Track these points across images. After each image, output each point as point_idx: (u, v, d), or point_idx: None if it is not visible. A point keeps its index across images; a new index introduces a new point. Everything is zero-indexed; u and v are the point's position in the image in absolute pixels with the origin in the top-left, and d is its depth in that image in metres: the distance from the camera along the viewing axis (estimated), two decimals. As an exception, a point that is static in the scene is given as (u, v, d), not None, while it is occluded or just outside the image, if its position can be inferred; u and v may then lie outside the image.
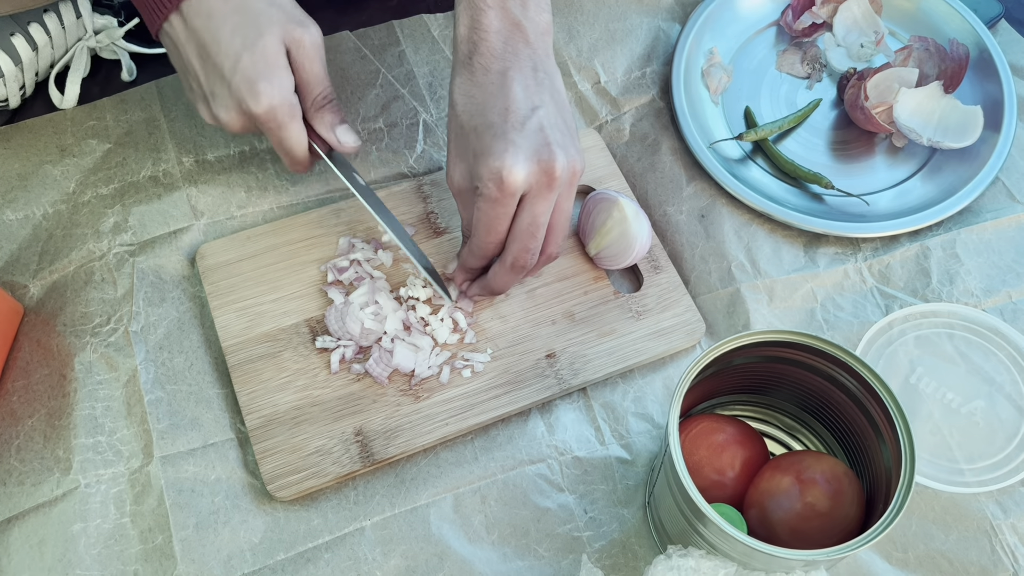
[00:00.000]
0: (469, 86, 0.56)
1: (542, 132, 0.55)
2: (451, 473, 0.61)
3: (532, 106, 0.55)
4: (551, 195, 0.56)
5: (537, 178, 0.55)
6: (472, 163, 0.56)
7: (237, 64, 0.57)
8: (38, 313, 0.65)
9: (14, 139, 0.72)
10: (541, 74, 0.57)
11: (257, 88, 0.57)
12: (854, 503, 0.53)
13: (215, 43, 0.57)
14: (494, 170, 0.54)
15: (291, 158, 0.62)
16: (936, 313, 0.66)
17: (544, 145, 0.55)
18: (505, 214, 0.56)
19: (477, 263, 0.61)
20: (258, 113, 0.58)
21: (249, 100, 0.58)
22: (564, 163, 0.55)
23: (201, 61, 0.58)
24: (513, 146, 0.54)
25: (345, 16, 0.80)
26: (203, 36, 0.57)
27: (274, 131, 0.60)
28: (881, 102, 0.74)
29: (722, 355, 0.51)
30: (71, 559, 0.57)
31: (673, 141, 0.75)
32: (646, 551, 0.59)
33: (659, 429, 0.63)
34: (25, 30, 0.70)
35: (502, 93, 0.55)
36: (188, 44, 0.58)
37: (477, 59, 0.56)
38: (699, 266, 0.69)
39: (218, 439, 0.61)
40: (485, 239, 0.58)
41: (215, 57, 0.57)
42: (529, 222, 0.56)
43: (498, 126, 0.55)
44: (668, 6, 0.81)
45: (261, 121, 0.59)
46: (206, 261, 0.66)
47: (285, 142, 0.61)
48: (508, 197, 0.55)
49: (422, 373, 0.62)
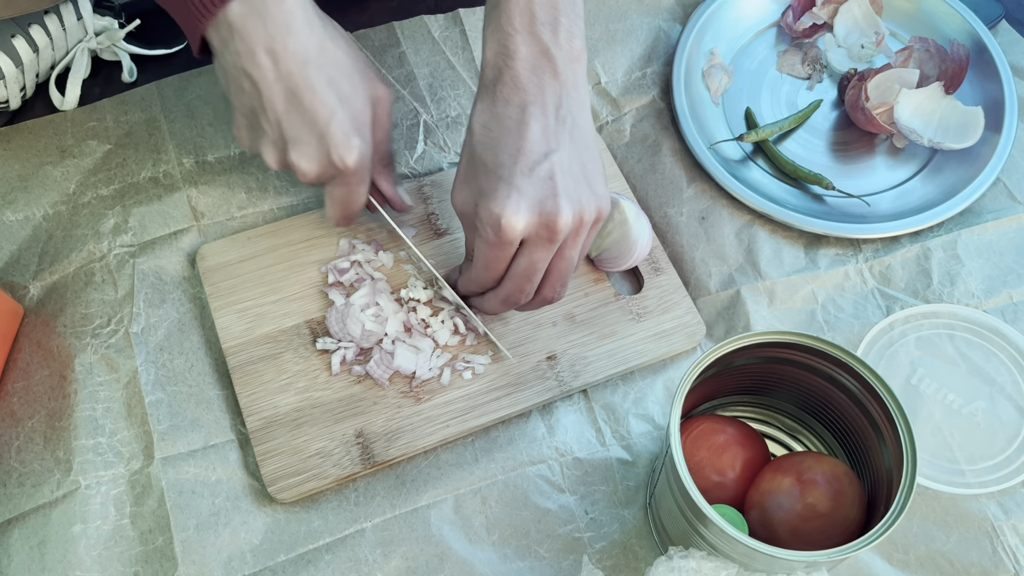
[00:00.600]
0: (488, 116, 0.55)
1: (551, 181, 0.53)
2: (452, 474, 0.61)
3: (546, 151, 0.53)
4: (551, 246, 0.54)
5: (537, 230, 0.53)
6: (477, 197, 0.55)
7: (333, 116, 0.55)
8: (38, 314, 0.65)
9: (14, 140, 0.72)
10: (564, 111, 0.55)
11: (352, 143, 0.56)
12: (855, 504, 0.53)
13: (310, 91, 0.54)
14: (493, 216, 0.53)
15: (348, 212, 0.61)
16: (937, 314, 0.66)
17: (550, 196, 0.53)
18: (502, 257, 0.55)
19: (475, 289, 0.60)
20: (348, 167, 0.57)
21: (344, 153, 0.56)
22: (568, 216, 0.53)
23: (289, 106, 0.55)
24: (516, 193, 0.52)
25: (345, 17, 0.79)
26: (297, 81, 0.54)
27: (352, 185, 0.59)
28: (882, 103, 0.74)
29: (723, 356, 0.51)
30: (71, 560, 0.57)
31: (674, 142, 0.75)
32: (647, 552, 0.59)
33: (660, 430, 0.63)
34: (26, 31, 0.70)
35: (518, 131, 0.54)
36: (276, 86, 0.54)
37: (500, 88, 0.54)
38: (700, 268, 0.69)
39: (219, 440, 0.61)
40: (482, 274, 0.57)
41: (309, 104, 0.55)
42: (526, 267, 0.55)
43: (506, 167, 0.53)
44: (669, 6, 0.81)
45: (347, 174, 0.57)
46: (206, 262, 0.66)
47: (355, 196, 0.60)
48: (505, 244, 0.54)
49: (423, 375, 0.62)
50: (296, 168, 0.57)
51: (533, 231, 0.53)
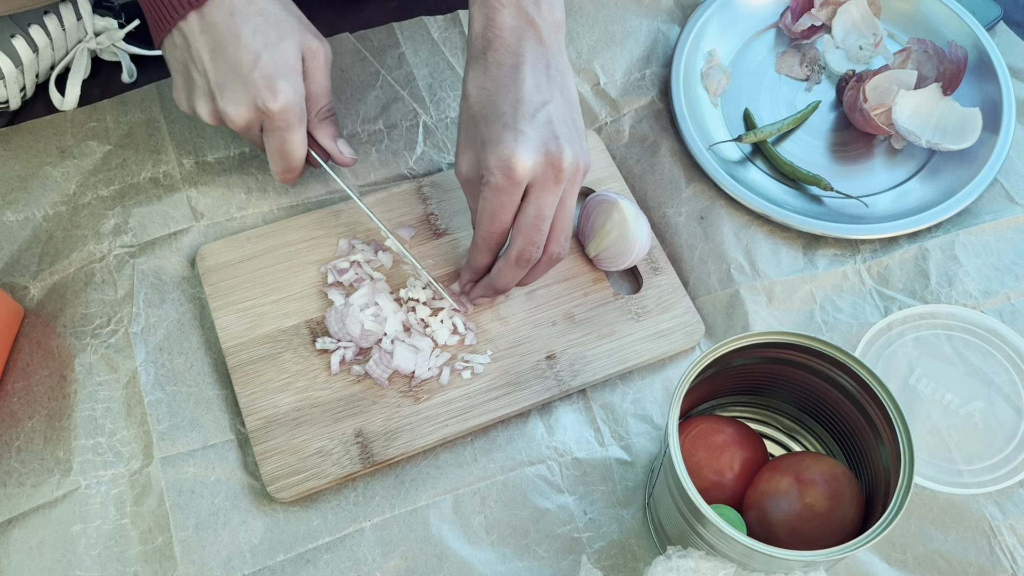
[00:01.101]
0: (482, 79, 0.57)
1: (551, 125, 0.56)
2: (451, 474, 0.61)
3: (543, 100, 0.56)
4: (557, 188, 0.56)
5: (544, 169, 0.55)
6: (480, 151, 0.57)
7: (257, 61, 0.58)
8: (38, 314, 0.65)
9: (14, 141, 0.72)
10: (553, 71, 0.57)
11: (276, 86, 0.58)
12: (853, 504, 0.53)
13: (235, 39, 0.58)
14: (502, 158, 0.54)
15: (287, 163, 0.63)
16: (935, 315, 0.67)
17: (552, 137, 0.55)
18: (510, 203, 0.56)
19: (483, 259, 0.61)
20: (273, 110, 0.59)
21: (267, 96, 0.58)
22: (571, 157, 0.56)
23: (213, 55, 0.58)
24: (522, 135, 0.54)
25: (345, 18, 0.80)
26: (222, 31, 0.58)
27: (281, 131, 0.60)
28: (880, 104, 0.74)
29: (721, 356, 0.51)
30: (71, 560, 0.57)
31: (672, 143, 0.75)
32: (645, 552, 0.59)
33: (658, 430, 0.63)
34: (26, 32, 0.70)
35: (514, 85, 0.56)
36: (202, 37, 0.58)
37: (491, 54, 0.57)
38: (698, 267, 0.69)
39: (218, 440, 0.61)
40: (489, 228, 0.58)
41: (233, 52, 0.58)
42: (535, 214, 0.57)
43: (508, 116, 0.55)
44: (668, 8, 0.82)
45: (273, 119, 0.60)
46: (206, 262, 0.66)
47: (288, 144, 0.61)
48: (514, 185, 0.55)
49: (422, 374, 0.62)
50: (226, 116, 0.60)
51: (540, 170, 0.55)
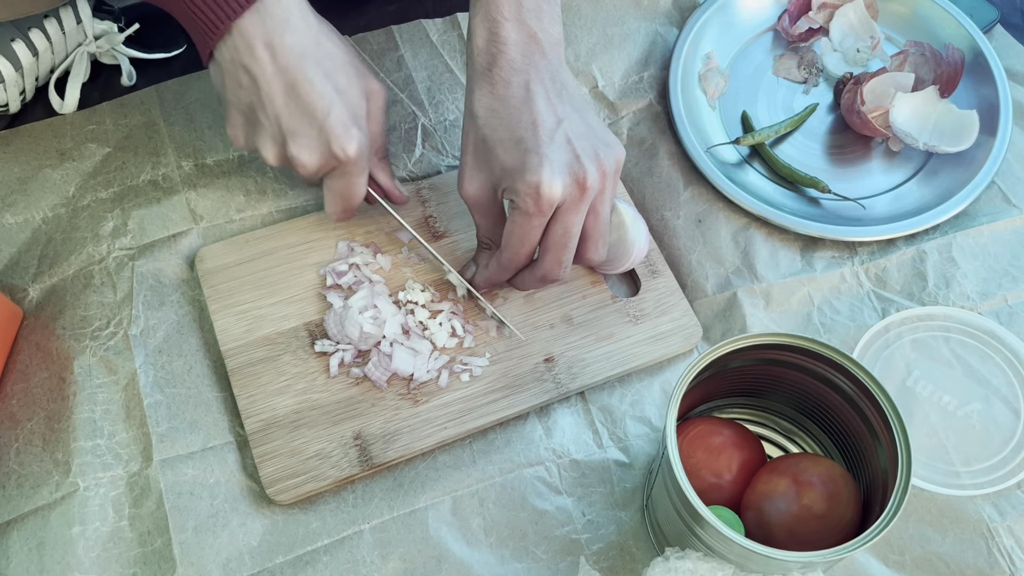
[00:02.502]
0: (491, 99, 0.57)
1: (570, 144, 0.56)
2: (449, 476, 0.61)
3: (557, 119, 0.56)
4: (583, 206, 0.57)
5: (571, 191, 0.56)
6: (500, 177, 0.57)
7: (331, 108, 0.57)
8: (37, 317, 0.65)
9: (14, 143, 0.72)
10: (559, 84, 0.58)
11: (351, 133, 0.57)
12: (851, 505, 0.53)
13: (309, 84, 0.56)
14: (532, 185, 0.55)
15: (348, 204, 0.62)
16: (932, 316, 0.67)
17: (575, 158, 0.56)
18: (540, 226, 0.57)
19: (507, 275, 0.62)
20: (348, 157, 0.58)
21: (344, 143, 0.57)
22: (595, 174, 0.56)
23: (287, 99, 0.56)
24: (548, 160, 0.55)
25: (344, 20, 0.80)
26: (295, 75, 0.55)
27: (352, 176, 0.60)
28: (877, 107, 0.74)
29: (719, 358, 0.51)
30: (70, 562, 0.57)
31: (670, 145, 0.75)
32: (644, 553, 0.59)
33: (657, 432, 0.63)
34: (26, 35, 0.70)
35: (527, 107, 0.56)
36: (275, 80, 0.55)
37: (497, 71, 0.57)
38: (696, 270, 0.69)
39: (217, 442, 0.61)
40: (518, 251, 0.58)
41: (307, 97, 0.56)
42: (562, 233, 0.57)
43: (529, 140, 0.55)
44: (665, 11, 0.82)
45: (347, 165, 0.59)
46: (205, 265, 0.66)
47: (354, 187, 0.61)
48: (545, 211, 0.56)
49: (421, 377, 0.62)
50: (296, 161, 0.58)
51: (568, 193, 0.56)
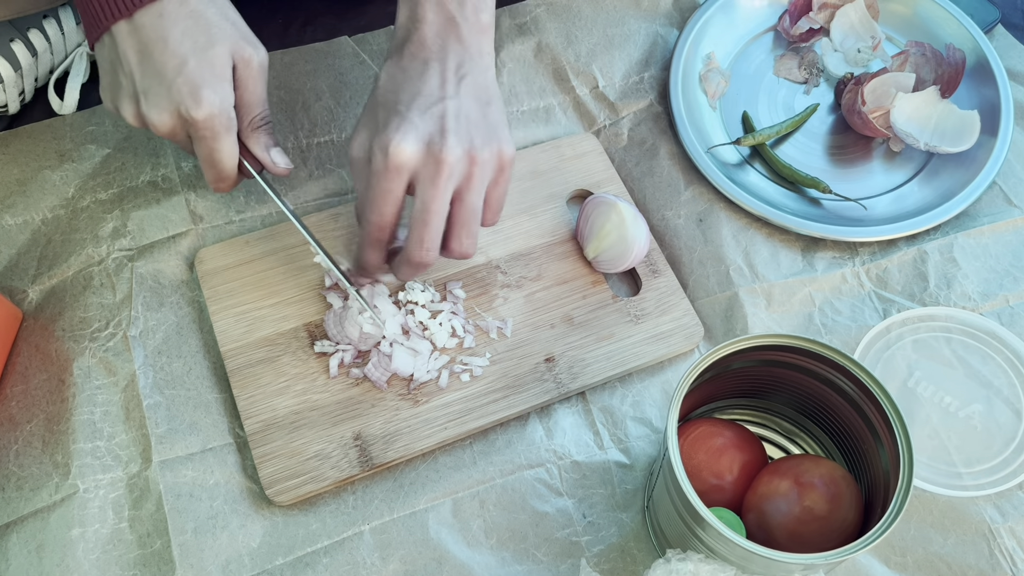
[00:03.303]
0: (394, 69, 0.58)
1: (442, 119, 0.56)
2: (450, 477, 0.61)
3: (442, 95, 0.56)
4: (439, 182, 0.55)
5: (425, 161, 0.55)
6: (372, 135, 0.57)
7: (183, 67, 0.56)
8: (37, 318, 0.65)
9: (13, 144, 0.72)
10: (464, 70, 0.58)
11: (200, 94, 0.56)
12: (852, 507, 0.53)
13: (161, 42, 0.56)
14: (383, 142, 0.55)
15: (218, 172, 0.61)
16: (934, 317, 0.67)
17: (439, 131, 0.55)
18: (391, 191, 0.56)
19: (374, 250, 0.60)
20: (196, 119, 0.57)
21: (190, 104, 0.56)
22: (457, 152, 0.55)
23: (140, 57, 0.56)
24: (408, 124, 0.55)
25: (344, 21, 0.80)
26: (149, 33, 0.55)
27: (207, 140, 0.58)
28: (878, 107, 0.74)
29: (720, 359, 0.51)
30: (69, 564, 0.57)
31: (671, 146, 0.75)
32: (645, 555, 0.59)
33: (658, 433, 0.63)
34: (25, 36, 0.70)
35: (420, 79, 0.57)
36: (129, 39, 0.56)
37: (408, 47, 0.58)
38: (697, 270, 0.69)
39: (217, 444, 0.61)
40: (371, 219, 0.57)
41: (159, 56, 0.56)
42: (421, 208, 0.56)
43: (403, 104, 0.56)
44: (666, 11, 0.82)
45: (197, 128, 0.57)
46: (205, 266, 0.66)
47: (216, 154, 0.59)
48: (394, 172, 0.55)
49: (421, 377, 0.62)
50: (148, 120, 0.58)
51: (421, 163, 0.55)
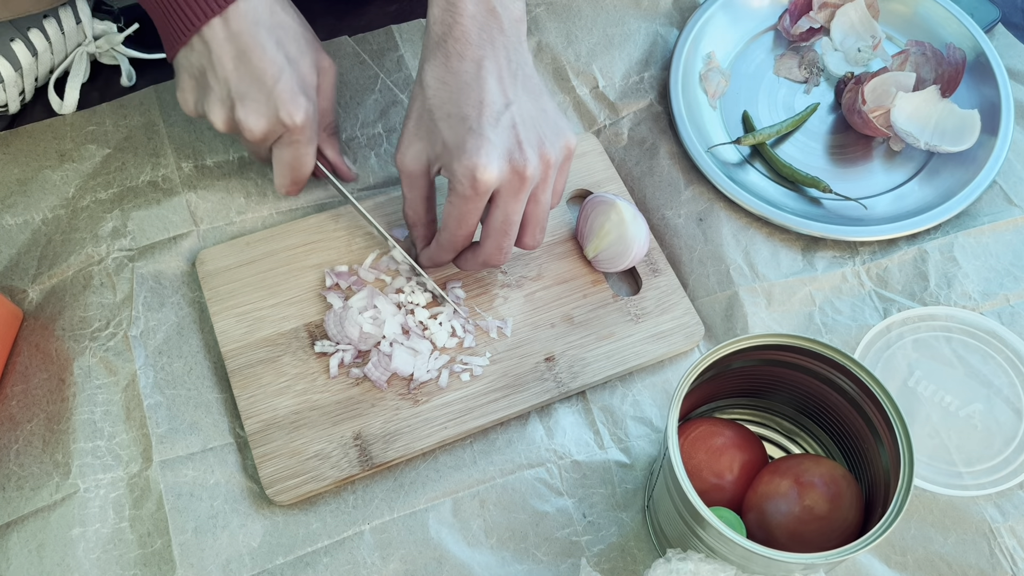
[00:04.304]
0: (442, 71, 0.56)
1: (514, 130, 0.55)
2: (450, 477, 0.61)
3: (506, 101, 0.56)
4: (522, 195, 0.56)
5: (509, 178, 0.55)
6: (439, 152, 0.57)
7: (281, 74, 0.58)
8: (37, 318, 0.65)
9: (13, 144, 0.72)
10: (515, 65, 0.57)
11: (299, 101, 0.59)
12: (853, 506, 0.53)
13: (260, 49, 0.57)
14: (468, 168, 0.54)
15: (296, 175, 0.63)
16: (934, 316, 0.67)
17: (516, 145, 0.55)
18: (476, 210, 0.57)
19: (447, 256, 0.62)
20: (294, 124, 0.59)
21: (291, 109, 0.59)
22: (535, 163, 0.56)
23: (237, 63, 0.58)
24: (487, 143, 0.54)
25: (344, 21, 0.80)
26: (247, 40, 0.57)
27: (297, 145, 0.61)
28: (878, 106, 0.74)
29: (720, 358, 0.51)
30: (70, 564, 0.57)
31: (671, 145, 0.75)
32: (645, 555, 0.59)
33: (658, 433, 0.63)
34: (25, 36, 0.70)
35: (477, 84, 0.55)
36: (226, 44, 0.57)
37: (451, 44, 0.56)
38: (697, 269, 0.69)
39: (217, 443, 0.61)
40: (456, 232, 0.58)
41: (258, 63, 0.57)
42: (502, 220, 0.57)
43: (472, 120, 0.55)
44: (666, 11, 0.82)
45: (293, 134, 0.60)
46: (205, 266, 0.66)
47: (302, 159, 0.62)
48: (480, 195, 0.55)
49: (421, 377, 0.62)
50: (243, 126, 0.59)
51: (505, 180, 0.55)
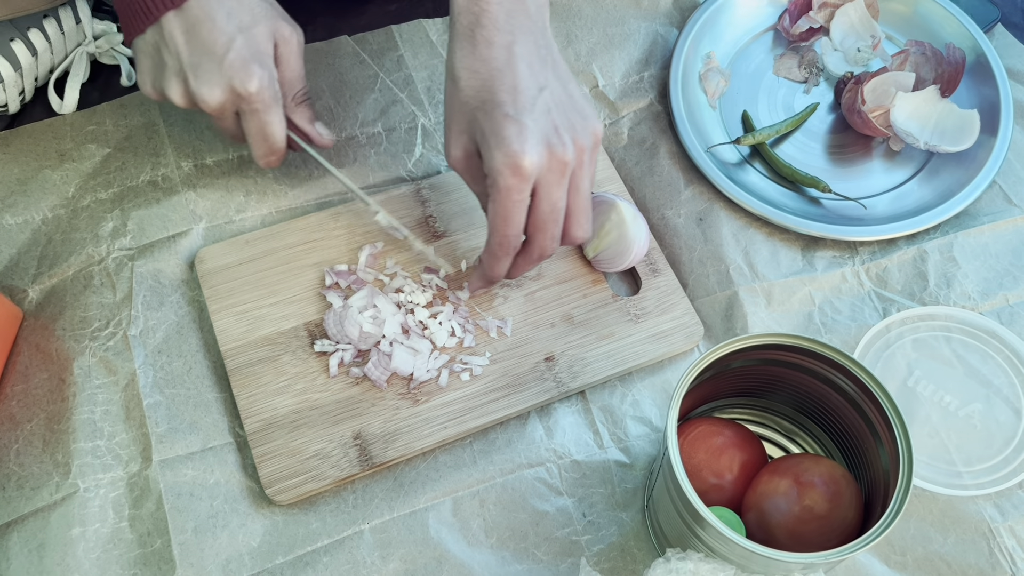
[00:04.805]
0: (472, 60, 0.56)
1: (550, 115, 0.55)
2: (450, 476, 0.61)
3: (539, 85, 0.55)
4: (564, 180, 0.56)
5: (549, 164, 0.55)
6: (481, 144, 0.56)
7: (231, 44, 0.58)
8: (37, 317, 0.65)
9: (14, 144, 0.72)
10: (543, 50, 0.57)
11: (251, 68, 0.58)
12: (852, 506, 0.53)
13: (209, 21, 0.57)
14: (509, 155, 0.53)
15: (269, 145, 0.63)
16: (933, 316, 0.67)
17: (553, 130, 0.55)
18: (522, 201, 0.56)
19: (501, 265, 0.60)
20: (249, 92, 0.59)
21: (243, 78, 0.58)
22: (571, 147, 0.55)
23: (188, 37, 0.58)
24: (527, 129, 0.54)
25: (344, 21, 0.80)
26: (196, 13, 0.57)
27: (259, 113, 0.60)
28: (878, 106, 0.74)
29: (720, 358, 0.51)
30: (70, 563, 0.57)
31: (671, 145, 0.75)
32: (645, 554, 0.59)
33: (657, 432, 0.63)
34: (25, 36, 0.70)
35: (509, 70, 0.55)
36: (175, 20, 0.57)
37: (480, 31, 0.55)
38: (697, 269, 0.69)
39: (217, 443, 0.61)
40: (504, 231, 0.57)
41: (207, 34, 0.57)
42: (549, 209, 0.56)
43: (508, 105, 0.54)
44: (666, 10, 0.82)
45: (250, 101, 0.59)
46: (205, 265, 0.66)
47: (268, 126, 0.61)
48: (524, 183, 0.55)
49: (421, 376, 0.62)
50: (199, 97, 0.59)
51: (545, 166, 0.55)
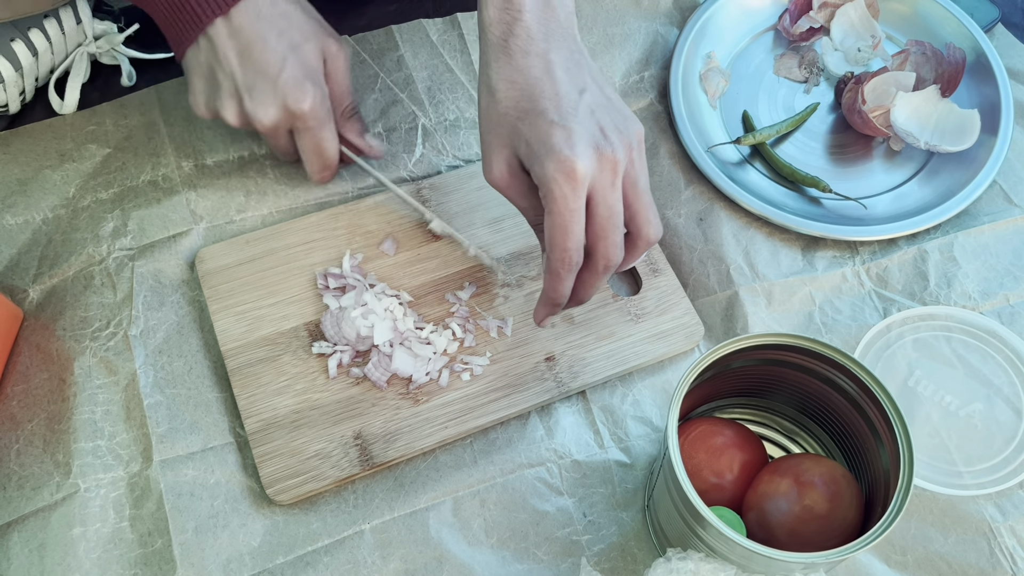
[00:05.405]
0: (509, 71, 0.54)
1: (594, 116, 0.53)
2: (450, 476, 0.61)
3: (579, 90, 0.54)
4: (617, 182, 0.54)
5: (600, 166, 0.53)
6: (527, 154, 0.54)
7: (284, 63, 0.60)
8: (37, 318, 0.65)
9: (14, 144, 0.72)
10: (577, 55, 0.56)
11: (304, 87, 0.61)
12: (852, 506, 0.53)
13: (262, 41, 0.59)
14: (561, 162, 0.51)
15: (323, 160, 0.65)
16: (934, 316, 0.67)
17: (600, 132, 0.53)
18: (579, 211, 0.53)
19: (564, 286, 0.56)
20: (303, 110, 0.61)
21: (298, 96, 0.60)
22: (621, 147, 0.53)
23: (241, 58, 0.60)
24: (574, 134, 0.52)
25: (344, 21, 0.80)
26: (248, 34, 0.59)
27: (314, 130, 0.63)
28: (878, 106, 0.74)
29: (720, 358, 0.51)
30: (70, 563, 0.57)
31: (671, 145, 0.75)
32: (645, 554, 0.59)
33: (658, 432, 0.63)
34: (25, 36, 0.70)
35: (548, 77, 0.54)
36: (229, 41, 0.59)
37: (514, 41, 0.54)
38: (697, 269, 0.69)
39: (217, 443, 0.61)
40: (565, 245, 0.53)
41: (259, 54, 0.59)
42: (607, 215, 0.54)
43: (552, 112, 0.53)
44: (666, 10, 0.82)
45: (304, 119, 0.62)
46: (205, 265, 0.66)
47: (322, 142, 0.64)
48: (579, 190, 0.52)
49: (421, 378, 0.62)
50: (254, 117, 0.61)
51: (597, 169, 0.53)
